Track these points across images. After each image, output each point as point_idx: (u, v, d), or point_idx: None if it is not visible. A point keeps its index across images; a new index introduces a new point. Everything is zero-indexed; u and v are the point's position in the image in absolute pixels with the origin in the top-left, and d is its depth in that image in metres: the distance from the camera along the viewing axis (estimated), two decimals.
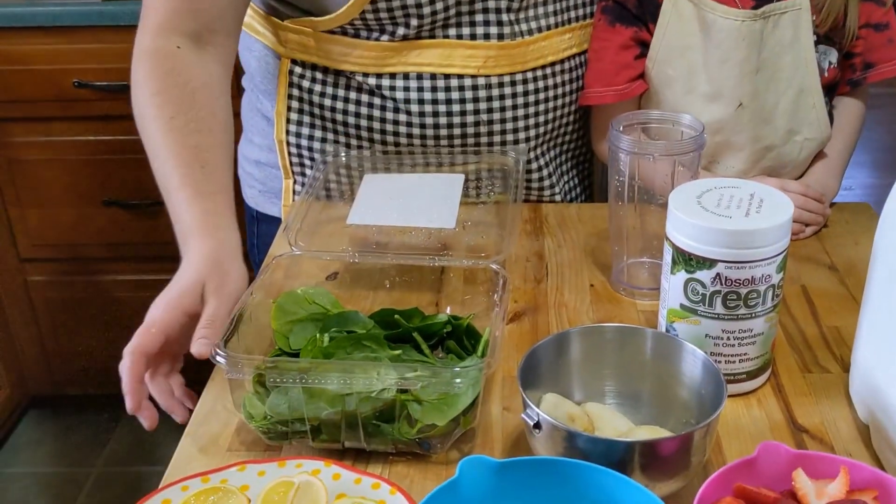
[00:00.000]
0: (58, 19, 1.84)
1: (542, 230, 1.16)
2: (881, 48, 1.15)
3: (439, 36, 1.09)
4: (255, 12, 1.17)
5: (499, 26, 1.10)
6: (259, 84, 1.21)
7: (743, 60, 1.09)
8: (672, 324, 0.84)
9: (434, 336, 0.86)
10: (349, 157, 1.13)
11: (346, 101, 1.13)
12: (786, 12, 1.08)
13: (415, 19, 1.06)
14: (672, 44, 1.11)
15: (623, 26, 1.13)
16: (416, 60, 1.10)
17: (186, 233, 0.92)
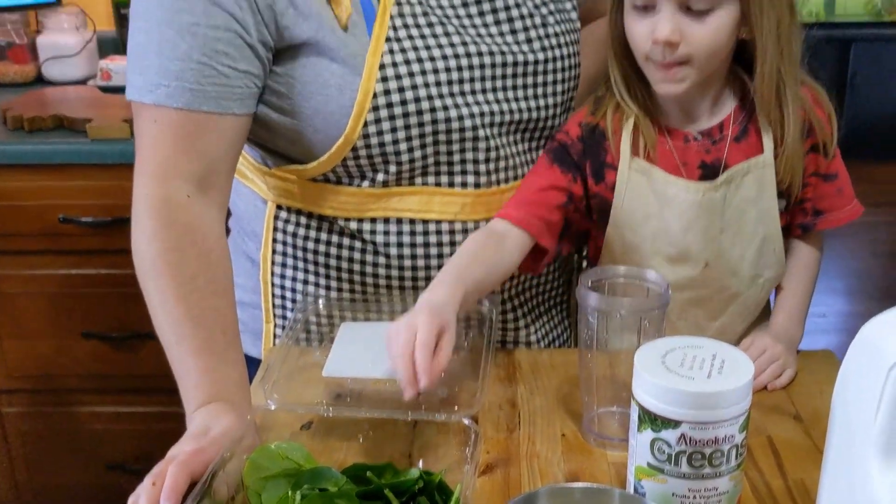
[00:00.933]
0: (47, 157, 1.89)
1: (515, 377, 1.18)
2: (830, 197, 1.19)
3: (418, 183, 1.14)
4: (245, 159, 1.21)
5: (475, 175, 1.15)
6: (245, 227, 1.25)
7: (707, 227, 1.13)
8: (640, 481, 0.85)
9: (406, 492, 0.87)
10: (329, 304, 1.16)
11: (329, 244, 1.17)
12: (750, 172, 1.13)
13: (393, 166, 1.11)
14: (631, 211, 1.14)
15: (560, 169, 1.15)
16: (396, 206, 1.14)
17: (214, 397, 0.93)
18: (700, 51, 1.05)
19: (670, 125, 1.14)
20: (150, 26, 1.01)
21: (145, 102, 1.01)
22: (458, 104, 1.10)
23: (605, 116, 1.14)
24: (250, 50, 1.03)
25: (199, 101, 1.00)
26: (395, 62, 1.06)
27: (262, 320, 1.25)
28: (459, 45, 1.10)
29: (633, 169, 1.13)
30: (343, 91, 1.06)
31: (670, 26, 1.03)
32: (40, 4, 2.27)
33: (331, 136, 1.09)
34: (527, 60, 1.15)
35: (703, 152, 1.13)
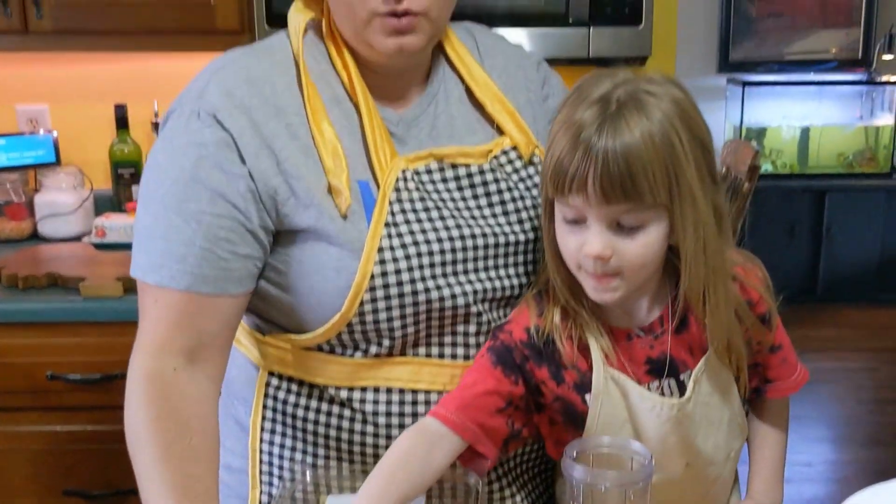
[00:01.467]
0: (39, 316, 1.92)
1: None
2: (776, 367, 1.21)
3: (409, 354, 1.16)
4: (240, 325, 1.23)
5: (465, 347, 1.17)
6: (237, 392, 1.26)
7: (683, 436, 1.14)
8: None
9: None
10: (316, 475, 1.17)
11: (318, 412, 1.18)
12: (704, 370, 1.13)
13: (387, 340, 1.14)
14: (608, 421, 1.12)
15: (502, 371, 1.12)
16: (386, 376, 1.16)
17: None
18: (631, 265, 1.05)
19: (612, 324, 1.14)
20: (157, 211, 1.08)
21: (148, 282, 1.07)
22: (451, 283, 1.14)
23: (552, 320, 1.13)
24: (251, 236, 1.08)
25: (199, 283, 1.06)
26: (393, 246, 1.11)
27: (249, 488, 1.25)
28: (454, 228, 1.15)
29: (607, 378, 1.12)
30: (340, 273, 1.10)
31: (601, 242, 1.03)
32: (40, 164, 2.34)
33: (326, 313, 1.12)
34: (518, 240, 1.19)
35: (647, 348, 1.13)
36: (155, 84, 2.41)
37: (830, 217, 4.90)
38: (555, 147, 1.05)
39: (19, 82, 2.45)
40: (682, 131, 1.04)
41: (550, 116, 1.25)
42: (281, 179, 1.09)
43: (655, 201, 1.03)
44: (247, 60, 1.15)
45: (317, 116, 1.11)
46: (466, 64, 1.24)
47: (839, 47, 5.16)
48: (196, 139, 1.09)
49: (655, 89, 1.05)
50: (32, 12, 2.05)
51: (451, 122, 1.21)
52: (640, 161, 1.00)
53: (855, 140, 5.04)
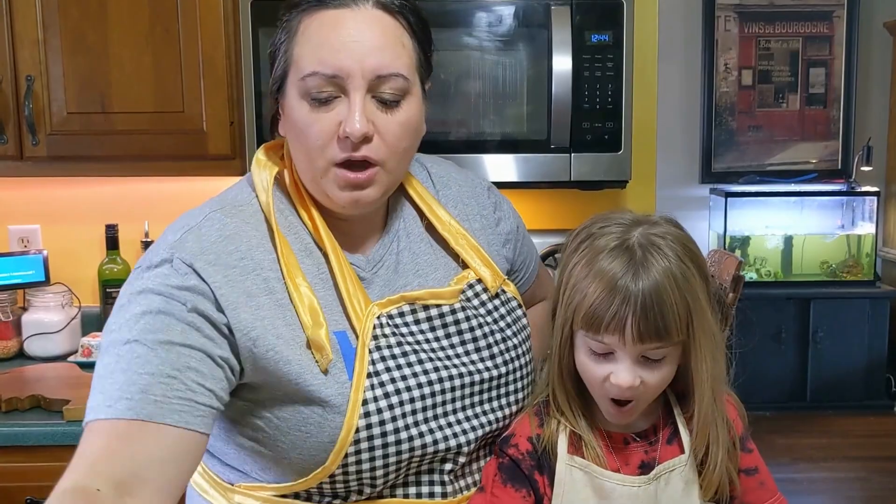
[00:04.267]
0: (20, 440, 1.90)
1: None
2: (754, 490, 1.26)
3: (388, 496, 1.16)
4: (207, 474, 1.23)
5: (442, 485, 1.18)
6: None
7: None
8: None
9: None
10: None
11: None
12: (674, 469, 1.19)
13: (368, 487, 1.14)
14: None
15: (513, 488, 1.19)
16: None
17: None
18: (652, 392, 1.17)
19: (610, 430, 1.22)
20: (119, 350, 1.02)
21: (100, 418, 0.99)
22: (433, 428, 1.15)
23: (551, 429, 1.20)
24: (221, 372, 1.06)
25: (163, 413, 0.99)
26: (377, 397, 1.12)
27: None
28: (432, 372, 1.17)
29: (571, 465, 1.19)
30: (323, 428, 1.10)
31: (631, 376, 1.13)
32: (29, 284, 2.36)
33: (308, 466, 1.12)
34: (491, 376, 1.22)
35: (641, 453, 1.21)
36: (146, 205, 2.46)
37: (816, 324, 4.93)
38: (588, 294, 1.13)
39: (12, 204, 2.48)
40: (692, 266, 1.15)
41: (504, 240, 1.32)
42: (259, 333, 1.08)
43: (679, 337, 1.13)
44: (220, 217, 1.14)
45: (291, 273, 1.12)
46: (425, 200, 1.27)
47: (819, 158, 5.28)
48: (171, 282, 1.06)
49: (662, 230, 1.16)
50: (28, 140, 2.10)
51: (413, 258, 1.24)
52: (669, 300, 1.11)
53: (837, 248, 5.12)
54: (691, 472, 1.20)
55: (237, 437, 1.14)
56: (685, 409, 1.23)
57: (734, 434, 1.23)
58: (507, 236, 1.34)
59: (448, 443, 1.16)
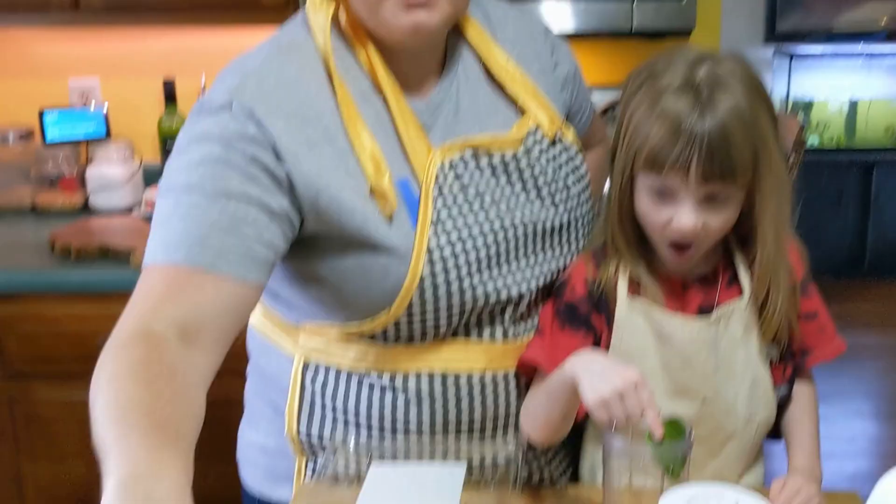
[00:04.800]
0: (91, 287, 1.97)
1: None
2: (813, 335, 1.26)
3: (450, 338, 1.18)
4: (271, 318, 1.25)
5: (503, 327, 1.19)
6: (270, 379, 1.26)
7: (703, 362, 1.18)
8: None
9: None
10: (358, 445, 1.19)
11: (359, 398, 1.19)
12: (734, 312, 1.19)
13: (432, 332, 1.15)
14: (628, 350, 1.18)
15: (571, 331, 1.19)
16: (427, 359, 1.17)
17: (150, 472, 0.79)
18: (713, 235, 1.15)
19: (669, 274, 1.21)
20: (178, 195, 1.02)
21: (158, 263, 1.00)
22: (495, 276, 1.15)
23: (608, 272, 1.20)
24: (279, 222, 1.04)
25: (220, 262, 0.99)
26: (441, 245, 1.11)
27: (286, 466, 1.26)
28: (496, 219, 1.15)
29: (632, 308, 1.19)
30: (387, 276, 1.10)
31: (694, 219, 1.11)
32: (91, 138, 2.39)
33: (373, 311, 1.13)
34: (553, 225, 1.21)
35: (700, 297, 1.20)
36: (202, 59, 2.45)
37: (878, 190, 4.82)
38: (651, 135, 1.10)
39: (71, 56, 2.49)
40: (760, 104, 1.11)
41: (561, 85, 1.29)
42: (320, 183, 1.07)
43: (745, 178, 1.10)
44: (279, 61, 1.11)
45: (353, 121, 1.09)
46: (483, 41, 1.23)
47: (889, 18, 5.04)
48: (231, 129, 1.04)
49: (730, 67, 1.11)
50: None
51: (474, 103, 1.21)
52: (736, 140, 1.07)
53: None
54: (751, 316, 1.20)
55: (301, 283, 1.16)
56: (746, 253, 1.21)
57: (795, 278, 1.22)
58: (565, 81, 1.30)
59: (510, 291, 1.17)
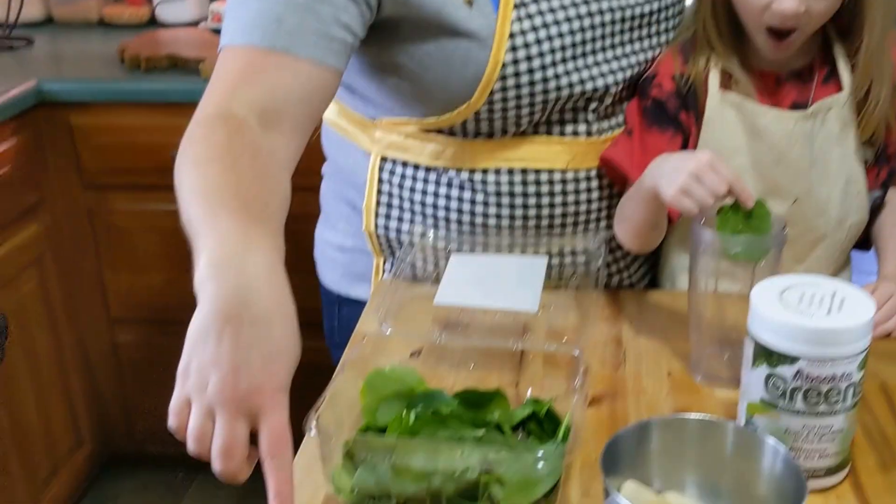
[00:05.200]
0: (162, 96, 1.95)
1: (619, 316, 1.18)
2: None
3: (530, 133, 1.13)
4: (346, 113, 1.21)
5: (587, 124, 1.14)
6: (348, 177, 1.25)
7: (797, 158, 1.12)
8: (752, 417, 0.85)
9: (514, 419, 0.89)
10: (436, 238, 1.18)
11: (437, 195, 1.17)
12: (832, 108, 1.12)
13: (514, 126, 1.11)
14: (718, 148, 1.12)
15: (659, 130, 1.14)
16: (508, 156, 1.14)
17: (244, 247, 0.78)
18: (817, 20, 1.07)
19: (763, 68, 1.14)
20: None
21: (235, 44, 0.97)
22: (579, 67, 1.10)
23: (698, 66, 1.13)
24: (357, 4, 0.99)
25: (296, 44, 0.95)
26: (524, 30, 1.06)
27: (366, 263, 1.26)
28: (582, 4, 1.09)
29: (724, 102, 1.13)
30: (467, 63, 1.05)
31: (796, 2, 1.03)
32: None
33: (453, 102, 1.09)
34: (642, 12, 1.14)
35: (795, 92, 1.14)
36: None
37: None
38: None
39: None
40: None
41: None
42: None
43: None
44: None
45: None
46: None
47: None
48: None
49: None
50: None
51: None
52: None
53: None
54: (849, 113, 1.13)
55: (378, 73, 1.11)
56: (847, 47, 1.13)
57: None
58: None
59: (595, 83, 1.11)
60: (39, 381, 2.05)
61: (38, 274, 2.03)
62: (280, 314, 0.75)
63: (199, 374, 0.72)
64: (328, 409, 0.83)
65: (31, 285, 2.00)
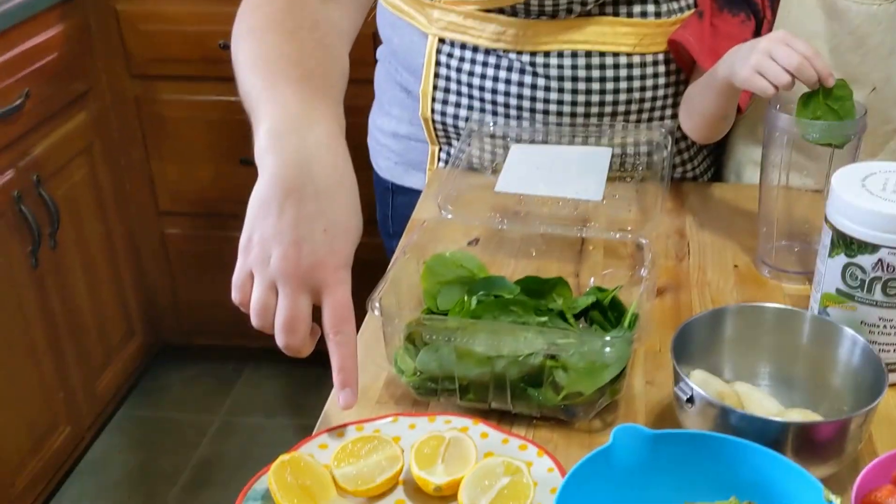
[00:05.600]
0: None
1: (683, 208, 1.15)
2: None
3: (596, 14, 1.08)
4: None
5: (655, 4, 1.09)
6: (402, 60, 1.21)
7: (878, 45, 1.06)
8: (826, 308, 0.82)
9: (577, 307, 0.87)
10: (495, 127, 1.14)
11: (496, 79, 1.12)
12: None
13: (577, 6, 1.06)
14: (793, 31, 1.04)
15: (730, 14, 1.08)
16: (571, 38, 1.09)
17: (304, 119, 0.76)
18: None
19: None
20: None
21: None
22: None
23: None
24: None
25: None
26: None
27: (420, 151, 1.23)
28: None
29: None
30: None
31: None
32: None
33: None
34: None
35: None
36: None
37: None
38: None
39: None
40: None
41: None
42: None
43: None
44: None
45: None
46: None
47: None
48: None
49: None
50: None
51: None
52: None
53: None
54: None
55: None
56: None
57: None
58: None
59: None
60: (91, 270, 2.07)
61: (88, 163, 2.03)
62: (343, 187, 0.73)
63: (261, 247, 0.71)
64: (390, 291, 0.81)
65: (82, 174, 2.00)
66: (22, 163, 1.79)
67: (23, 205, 1.78)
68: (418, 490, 0.70)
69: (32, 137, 1.84)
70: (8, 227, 1.76)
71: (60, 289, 1.94)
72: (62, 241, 1.93)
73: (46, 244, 1.87)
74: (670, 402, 0.79)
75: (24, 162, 1.80)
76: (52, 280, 1.90)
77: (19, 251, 1.80)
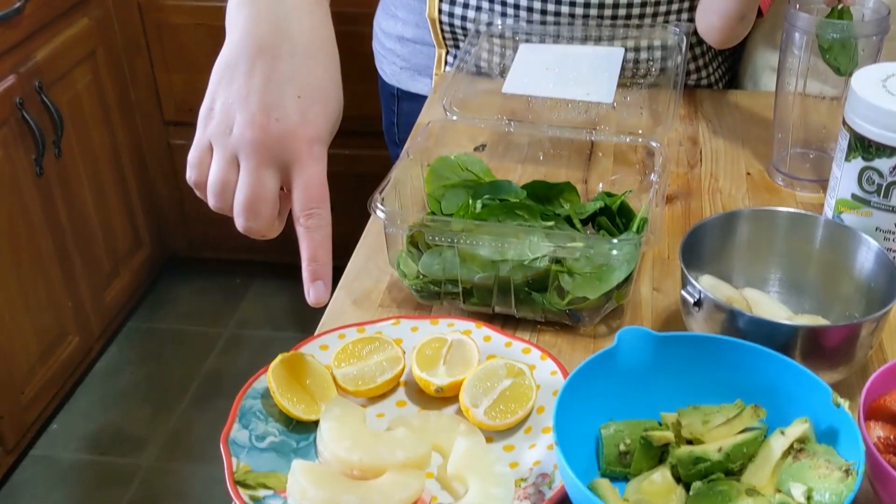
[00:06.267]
0: None
1: (696, 115, 1.11)
2: None
3: None
4: None
5: None
6: None
7: None
8: (840, 214, 0.80)
9: (585, 212, 0.85)
10: (504, 28, 1.10)
11: None
12: None
13: None
14: None
15: None
16: None
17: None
18: None
19: None
20: None
21: None
22: None
23: None
24: None
25: None
26: None
27: (427, 55, 1.20)
28: None
29: None
30: None
31: None
32: None
33: None
34: None
35: None
36: None
37: None
38: None
39: None
40: None
41: None
42: None
43: None
44: None
45: None
46: None
47: None
48: None
49: None
50: None
51: None
52: None
53: None
54: None
55: None
56: None
57: None
58: None
59: None
60: (97, 180, 2.05)
61: (92, 70, 1.99)
62: (323, 52, 0.65)
63: (224, 113, 0.62)
64: (392, 192, 0.79)
65: (85, 81, 1.97)
66: (23, 68, 1.76)
67: (25, 111, 1.76)
68: (419, 391, 0.69)
69: (34, 42, 1.80)
70: (11, 133, 1.74)
71: (66, 198, 1.93)
72: (66, 150, 1.91)
73: (51, 152, 1.85)
74: (677, 309, 0.77)
75: (25, 67, 1.77)
76: (57, 189, 1.89)
77: (23, 158, 1.78)
